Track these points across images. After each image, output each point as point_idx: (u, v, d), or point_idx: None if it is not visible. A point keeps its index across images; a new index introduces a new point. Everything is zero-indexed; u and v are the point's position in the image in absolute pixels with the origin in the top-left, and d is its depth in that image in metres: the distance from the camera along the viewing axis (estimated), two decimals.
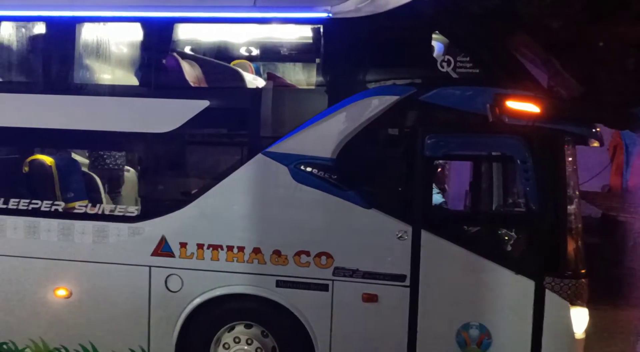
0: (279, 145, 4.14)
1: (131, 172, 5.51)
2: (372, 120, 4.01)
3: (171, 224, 4.33)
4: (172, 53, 4.40)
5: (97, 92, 4.54)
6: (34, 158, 4.78)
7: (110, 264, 4.42)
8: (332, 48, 4.12)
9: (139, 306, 4.39)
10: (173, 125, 4.27)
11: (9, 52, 4.73)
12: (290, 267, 4.17)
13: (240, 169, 4.24)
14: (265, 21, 4.32)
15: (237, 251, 4.25)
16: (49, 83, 4.58)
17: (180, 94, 4.36)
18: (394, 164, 4.10)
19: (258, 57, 5.38)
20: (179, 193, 4.50)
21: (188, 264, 4.31)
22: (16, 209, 4.51)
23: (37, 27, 4.70)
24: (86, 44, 4.52)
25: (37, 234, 4.48)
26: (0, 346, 4.63)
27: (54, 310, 4.52)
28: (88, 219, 4.48)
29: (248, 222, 4.25)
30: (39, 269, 4.51)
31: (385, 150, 4.13)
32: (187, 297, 4.33)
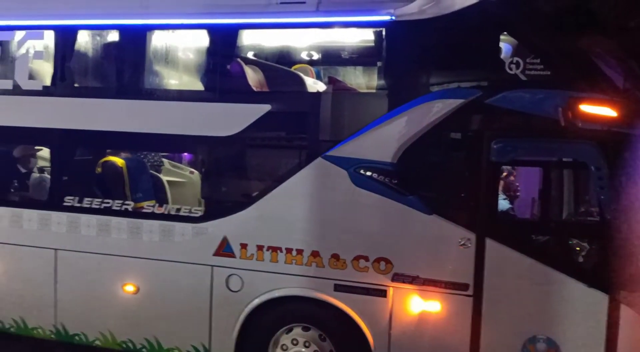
0: (338, 149, 3.96)
1: (195, 174, 5.45)
2: (435, 124, 3.75)
3: (232, 225, 4.26)
4: (236, 59, 4.28)
5: (165, 97, 4.52)
6: (107, 160, 4.83)
7: (175, 263, 4.39)
8: (394, 51, 3.89)
9: (201, 304, 4.34)
10: (236, 129, 4.19)
11: (85, 59, 4.77)
12: (348, 272, 3.99)
13: (299, 172, 4.10)
14: (328, 25, 4.14)
15: (295, 254, 4.09)
16: (122, 88, 4.59)
17: (243, 99, 4.28)
18: (457, 170, 3.81)
19: (319, 61, 5.20)
20: (240, 195, 4.43)
21: (248, 265, 4.21)
22: (90, 208, 4.56)
23: (111, 35, 4.68)
24: (156, 50, 4.49)
25: (109, 232, 4.49)
26: (72, 337, 4.69)
27: (122, 305, 4.54)
28: (155, 218, 4.44)
29: (307, 225, 4.10)
30: (110, 265, 4.54)
31: (448, 155, 3.86)
32: (247, 298, 4.23)
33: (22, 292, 4.76)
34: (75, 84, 4.76)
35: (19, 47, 4.69)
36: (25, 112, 4.70)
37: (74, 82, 4.73)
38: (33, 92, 4.66)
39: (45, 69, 4.71)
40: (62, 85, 4.62)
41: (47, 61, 4.69)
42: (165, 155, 5.52)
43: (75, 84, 4.75)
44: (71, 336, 4.67)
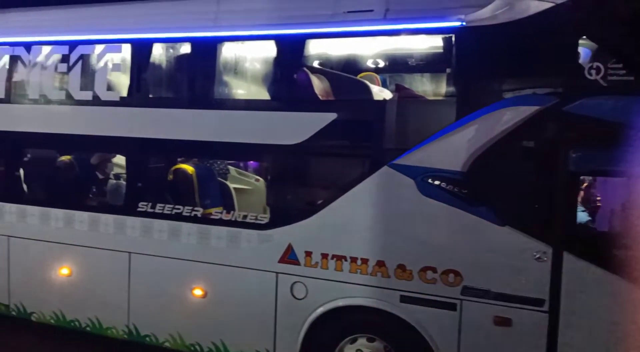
0: (406, 158, 3.85)
1: (260, 182, 5.45)
2: (508, 132, 3.57)
3: (297, 232, 4.23)
4: (302, 68, 4.23)
5: (233, 107, 4.56)
6: (178, 167, 4.92)
7: (241, 268, 4.41)
8: (465, 57, 3.74)
9: (266, 310, 4.33)
10: (301, 138, 4.16)
11: (159, 71, 4.88)
12: (415, 283, 3.86)
13: (365, 180, 4.02)
14: (395, 33, 4.03)
15: (360, 263, 3.99)
16: (193, 98, 4.67)
17: (309, 107, 4.24)
18: (532, 180, 3.59)
19: (385, 68, 5.08)
20: (305, 203, 4.39)
21: (313, 273, 4.16)
22: (162, 213, 4.64)
23: (183, 47, 4.77)
24: (225, 61, 4.53)
25: (179, 237, 4.55)
26: (144, 337, 4.79)
27: (191, 308, 4.60)
28: (223, 224, 4.47)
29: (372, 234, 4.00)
30: (179, 269, 4.61)
31: (522, 164, 3.65)
32: (311, 306, 4.18)
33: (97, 293, 4.93)
34: (150, 94, 4.88)
35: (99, 60, 4.86)
36: (104, 121, 4.86)
37: (148, 93, 4.85)
38: (111, 102, 4.82)
39: (122, 81, 4.86)
40: (137, 96, 4.75)
41: (124, 73, 4.83)
42: (231, 163, 5.56)
43: (150, 95, 4.88)
44: (142, 337, 4.78)
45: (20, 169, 5.44)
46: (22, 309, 5.23)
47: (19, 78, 5.21)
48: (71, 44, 4.94)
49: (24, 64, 5.16)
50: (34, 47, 5.12)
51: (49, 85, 5.08)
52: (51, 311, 5.09)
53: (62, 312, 5.05)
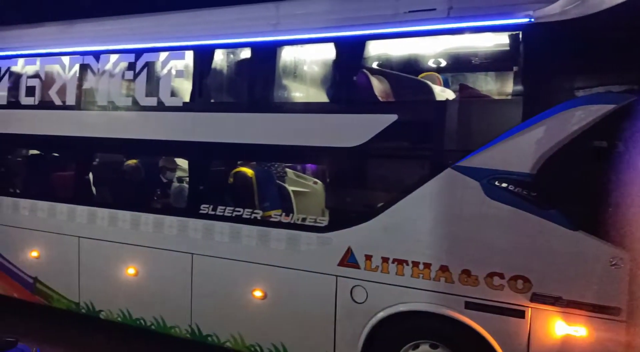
0: (470, 159, 3.78)
1: (319, 185, 5.50)
2: (581, 132, 3.45)
3: (357, 236, 4.23)
4: (362, 69, 4.24)
5: (292, 110, 4.62)
6: (238, 170, 5.03)
7: (300, 271, 4.45)
8: (533, 55, 3.64)
9: (325, 313, 4.35)
10: (361, 140, 4.17)
11: (220, 76, 5.01)
12: (481, 289, 3.77)
13: (428, 183, 3.97)
14: (459, 31, 3.96)
15: (422, 268, 3.95)
16: (253, 102, 4.77)
17: (369, 109, 4.24)
18: (608, 182, 3.41)
19: (446, 68, 5.00)
20: (365, 206, 4.39)
21: (373, 277, 4.15)
22: (223, 215, 4.75)
23: (244, 52, 4.89)
24: (285, 65, 4.60)
25: (239, 239, 4.64)
26: (206, 337, 4.92)
27: (251, 309, 4.70)
28: (282, 227, 4.54)
29: (435, 238, 3.95)
30: (240, 270, 4.71)
31: (596, 166, 3.49)
32: (371, 310, 4.18)
33: (161, 292, 5.11)
34: (211, 99, 5.03)
35: (163, 67, 5.06)
36: (167, 126, 5.06)
37: (210, 97, 5.01)
38: (174, 107, 5.00)
39: (185, 87, 5.04)
40: (199, 101, 4.91)
41: (187, 79, 5.01)
42: (290, 165, 5.64)
43: (211, 100, 5.03)
44: (204, 337, 4.92)
45: (89, 173, 5.74)
46: (91, 307, 5.51)
47: (88, 86, 5.51)
48: (137, 51, 5.18)
49: (93, 72, 5.46)
50: (103, 56, 5.41)
51: (116, 92, 5.35)
52: (118, 309, 5.33)
53: (129, 311, 5.28)
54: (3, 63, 6.04)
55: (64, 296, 5.65)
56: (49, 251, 5.71)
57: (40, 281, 5.78)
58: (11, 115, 5.97)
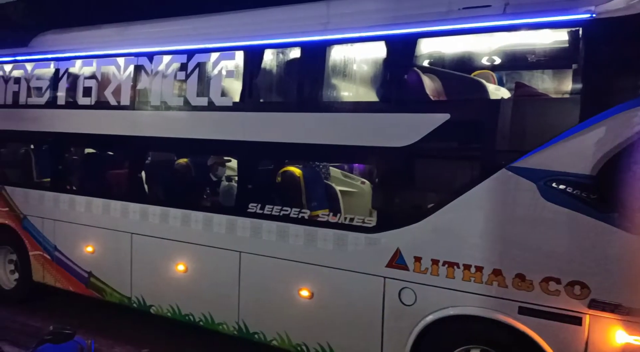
0: (526, 160, 3.70)
1: (367, 185, 5.50)
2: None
3: (406, 237, 4.22)
4: (413, 68, 4.21)
5: (341, 109, 4.65)
6: (286, 169, 5.09)
7: (347, 271, 4.47)
8: (594, 52, 3.53)
9: (372, 314, 4.35)
10: (412, 139, 4.14)
11: (269, 76, 5.10)
12: (535, 294, 3.70)
13: (481, 184, 3.92)
14: (515, 28, 3.88)
15: (474, 271, 3.90)
16: (302, 102, 4.85)
17: (420, 108, 4.21)
18: None
19: (500, 66, 4.91)
20: (415, 207, 4.36)
21: (422, 279, 4.12)
22: (270, 214, 4.83)
23: (293, 52, 4.95)
24: (334, 64, 4.64)
25: (287, 238, 4.71)
26: (252, 335, 5.02)
27: (298, 309, 4.75)
28: (329, 227, 4.58)
29: (488, 241, 3.90)
30: (287, 269, 4.78)
31: None
32: (420, 313, 4.16)
33: (210, 289, 5.24)
34: (260, 99, 5.13)
35: (214, 67, 5.19)
36: (217, 126, 5.18)
37: (259, 97, 5.11)
38: (224, 107, 5.13)
39: (235, 87, 5.15)
40: (249, 101, 5.02)
41: (237, 79, 5.12)
42: (337, 165, 5.67)
43: (260, 100, 5.13)
44: (251, 334, 5.01)
45: (142, 171, 5.96)
46: (142, 301, 5.71)
47: (142, 86, 5.72)
48: (189, 52, 5.34)
49: (147, 73, 5.66)
50: (156, 57, 5.60)
51: (169, 92, 5.53)
52: (168, 304, 5.50)
53: (178, 306, 5.45)
54: (62, 64, 6.36)
55: (117, 290, 5.88)
56: (103, 246, 5.96)
57: (95, 275, 6.05)
58: (69, 115, 6.27)
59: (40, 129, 6.46)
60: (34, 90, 6.58)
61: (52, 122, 6.35)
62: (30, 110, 6.54)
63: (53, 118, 6.34)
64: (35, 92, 6.58)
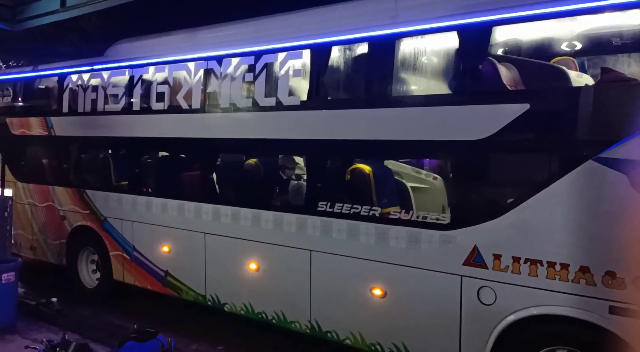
0: (615, 150, 3.57)
1: (439, 180, 5.44)
2: None
3: (484, 234, 4.15)
4: (489, 57, 4.13)
5: (412, 103, 4.64)
6: (355, 167, 5.14)
7: (421, 270, 4.47)
8: None
9: (450, 314, 4.32)
10: (489, 132, 4.09)
11: (336, 73, 5.17)
12: (628, 293, 3.56)
13: (565, 177, 3.80)
14: (599, 10, 3.72)
15: (559, 268, 3.79)
16: (371, 98, 4.88)
17: (496, 99, 4.13)
18: None
19: (582, 51, 4.71)
20: (493, 202, 4.27)
21: (502, 278, 4.05)
22: (340, 213, 4.89)
23: (360, 47, 4.98)
24: (404, 57, 4.63)
25: (358, 236, 4.76)
26: (325, 333, 5.10)
27: (371, 308, 4.78)
28: (401, 224, 4.57)
29: (574, 236, 3.78)
30: (358, 268, 4.82)
31: None
32: (500, 313, 4.08)
33: (282, 288, 5.38)
34: (328, 97, 5.20)
35: (281, 67, 5.33)
36: (285, 125, 5.31)
37: (327, 95, 5.18)
38: (292, 107, 5.25)
39: (302, 85, 5.26)
40: (316, 99, 5.10)
41: (304, 78, 5.23)
42: (408, 161, 5.64)
43: (328, 97, 5.20)
44: (324, 333, 5.09)
45: (214, 172, 6.20)
46: (217, 299, 5.94)
47: (212, 89, 5.96)
48: (256, 54, 5.51)
49: (216, 76, 5.89)
50: (225, 60, 5.82)
51: (238, 94, 5.72)
52: (241, 302, 5.69)
53: (251, 305, 5.63)
54: (136, 72, 6.73)
55: (192, 288, 6.14)
56: (178, 246, 6.25)
57: (171, 274, 6.35)
58: (144, 120, 6.63)
59: (117, 134, 6.87)
60: (110, 97, 7.02)
61: (128, 127, 6.72)
62: (108, 116, 6.97)
63: (129, 123, 6.72)
64: (111, 99, 7.01)
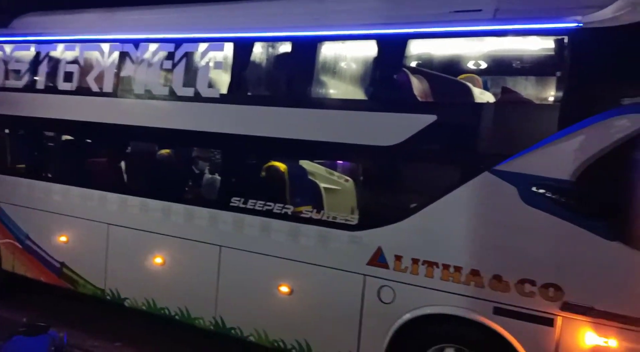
0: (508, 164, 3.93)
1: (350, 182, 5.69)
2: (625, 141, 3.56)
3: (388, 235, 4.41)
4: (403, 68, 4.42)
5: (329, 106, 4.83)
6: (271, 164, 5.24)
7: (328, 268, 4.65)
8: (580, 60, 3.79)
9: (351, 312, 4.54)
10: (398, 139, 4.34)
11: (259, 69, 5.24)
12: (511, 295, 3.92)
13: (463, 186, 4.14)
14: (504, 33, 4.11)
15: (453, 271, 4.12)
16: (290, 97, 5.02)
17: (407, 109, 4.41)
18: None
19: (487, 70, 5.14)
20: (398, 206, 4.53)
21: (402, 278, 4.32)
22: (253, 209, 4.98)
23: (283, 46, 5.12)
24: (324, 60, 4.81)
25: (269, 234, 4.86)
26: (229, 330, 5.16)
27: (277, 305, 4.91)
28: (312, 223, 4.75)
29: (468, 241, 4.12)
30: (268, 265, 4.94)
31: (637, 176, 3.56)
32: (398, 311, 4.35)
33: (187, 283, 5.37)
34: (248, 92, 5.28)
35: (202, 58, 5.33)
36: (203, 117, 5.32)
37: (247, 90, 5.26)
38: (211, 99, 5.26)
39: (222, 78, 5.30)
40: (236, 93, 5.17)
41: (225, 71, 5.27)
42: (322, 162, 5.84)
43: (248, 93, 5.28)
44: (228, 329, 5.16)
45: (122, 160, 6.05)
46: (117, 294, 5.81)
47: (126, 73, 5.75)
48: (177, 41, 5.45)
49: (132, 61, 5.74)
50: (142, 44, 5.67)
51: (154, 81, 5.58)
52: (143, 298, 5.61)
53: (154, 300, 5.56)
54: (43, 48, 6.42)
55: (90, 282, 5.96)
56: (77, 236, 6.04)
57: (67, 266, 6.11)
58: (48, 100, 6.33)
59: (17, 113, 6.49)
60: (12, 73, 6.63)
61: (30, 106, 6.38)
62: (7, 93, 6.57)
63: (31, 102, 6.38)
64: (13, 75, 6.63)
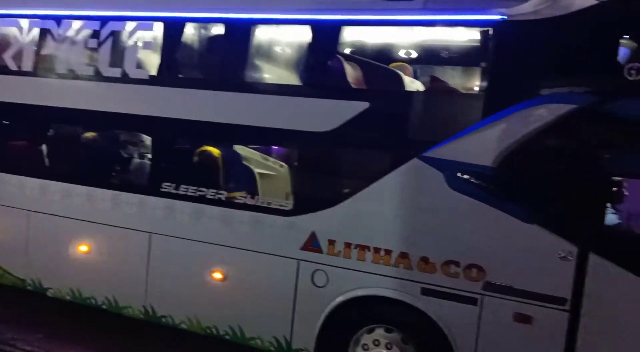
0: (436, 151, 4.09)
1: (285, 168, 5.74)
2: (542, 130, 3.80)
3: (321, 220, 4.49)
4: (337, 55, 4.49)
5: (263, 91, 4.82)
6: (204, 149, 5.18)
7: (262, 254, 4.68)
8: (502, 52, 3.98)
9: (285, 296, 4.60)
10: (332, 125, 4.41)
11: (190, 51, 5.14)
12: (437, 276, 4.11)
13: (394, 172, 4.28)
14: (433, 23, 4.26)
15: (383, 254, 4.27)
16: (223, 80, 4.96)
17: (341, 95, 4.48)
18: (562, 179, 3.82)
19: (417, 59, 5.31)
20: (331, 191, 4.63)
21: (335, 262, 4.43)
22: (185, 195, 4.93)
23: (216, 28, 5.05)
24: (258, 44, 4.79)
25: (201, 220, 4.83)
26: (160, 318, 5.10)
27: (210, 291, 4.91)
28: (246, 209, 4.75)
29: (397, 225, 4.27)
30: (200, 251, 4.91)
31: (554, 162, 3.87)
32: (331, 294, 4.46)
33: (115, 271, 5.25)
34: (180, 75, 5.18)
35: (130, 37, 5.16)
36: (131, 100, 5.17)
37: (178, 73, 5.15)
38: (139, 80, 5.12)
39: (152, 60, 5.17)
40: (167, 75, 5.05)
41: (154, 52, 5.14)
42: (256, 147, 5.85)
43: (180, 75, 5.18)
44: (159, 317, 5.10)
45: (43, 143, 5.78)
46: (39, 284, 5.59)
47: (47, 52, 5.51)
48: (103, 19, 5.25)
49: (54, 38, 5.47)
50: (65, 21, 5.42)
51: (78, 60, 5.36)
52: (68, 287, 5.44)
53: (79, 290, 5.40)
54: None
55: (9, 271, 5.71)
56: None
57: None
58: None
59: None
60: None
61: None
62: None
63: None
64: None
